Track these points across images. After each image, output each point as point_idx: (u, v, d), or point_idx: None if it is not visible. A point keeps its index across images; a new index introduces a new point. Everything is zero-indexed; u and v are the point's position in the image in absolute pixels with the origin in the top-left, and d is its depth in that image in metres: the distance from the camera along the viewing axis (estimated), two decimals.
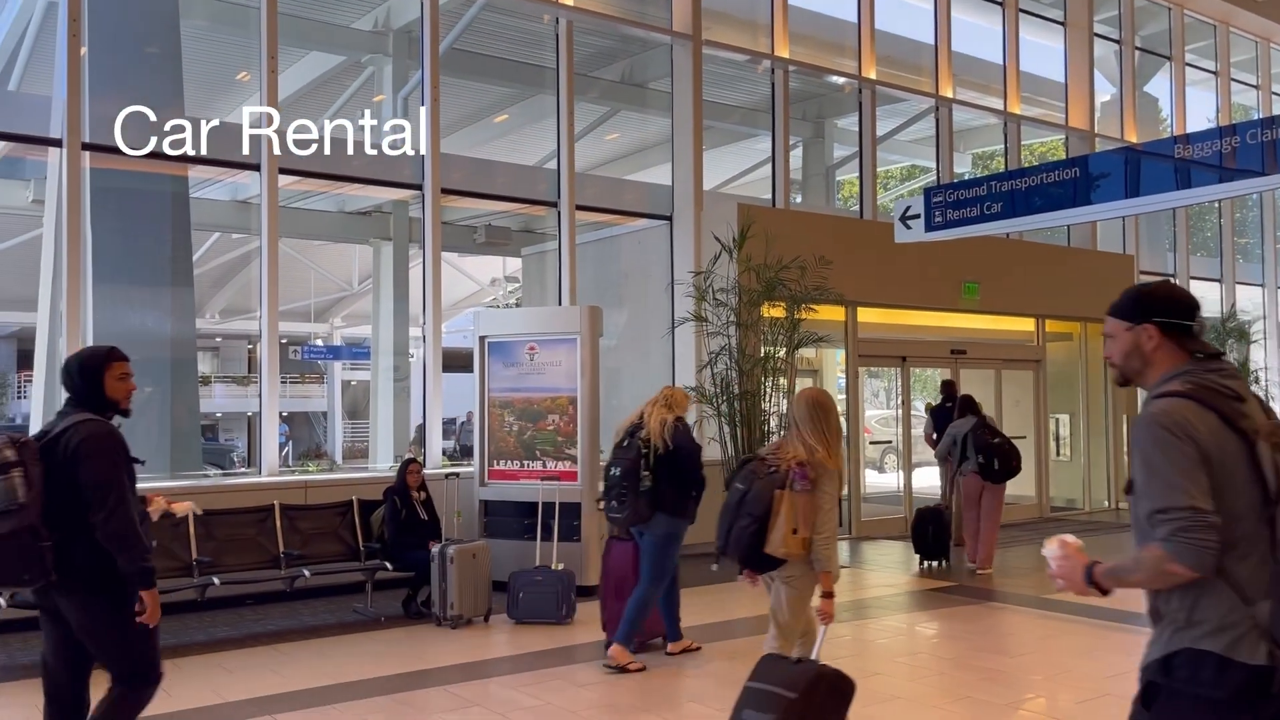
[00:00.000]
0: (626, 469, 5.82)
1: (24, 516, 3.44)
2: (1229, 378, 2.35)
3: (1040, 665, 6.06)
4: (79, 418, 3.64)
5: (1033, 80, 15.82)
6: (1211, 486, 2.19)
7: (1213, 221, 18.58)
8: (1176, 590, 2.26)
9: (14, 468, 3.47)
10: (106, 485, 3.52)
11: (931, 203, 8.24)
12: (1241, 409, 2.30)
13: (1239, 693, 2.16)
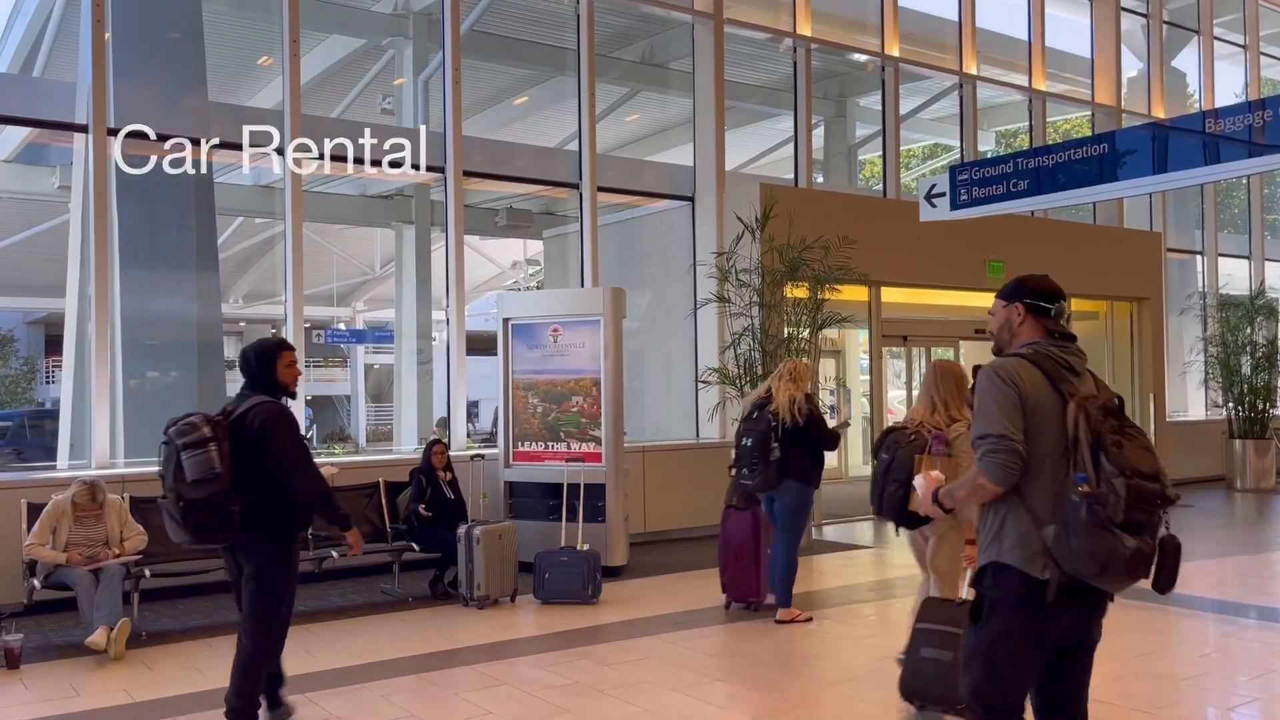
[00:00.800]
0: (758, 439, 6.31)
1: (219, 484, 4.08)
2: (1069, 354, 2.98)
3: None
4: (258, 400, 4.27)
5: (1058, 56, 15.63)
6: (1026, 426, 2.82)
7: (1241, 198, 18.32)
8: (990, 513, 2.88)
9: (210, 443, 4.09)
10: (295, 455, 4.24)
11: (957, 180, 8.17)
12: (1068, 376, 2.92)
13: (1023, 601, 2.80)
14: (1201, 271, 16.89)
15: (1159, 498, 2.75)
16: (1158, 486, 2.74)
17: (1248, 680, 5.28)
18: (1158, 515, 2.77)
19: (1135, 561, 2.71)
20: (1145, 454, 2.77)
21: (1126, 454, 2.74)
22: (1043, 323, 3.03)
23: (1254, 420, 14.58)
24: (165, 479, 4.17)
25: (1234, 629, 6.39)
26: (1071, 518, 2.72)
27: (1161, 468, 2.77)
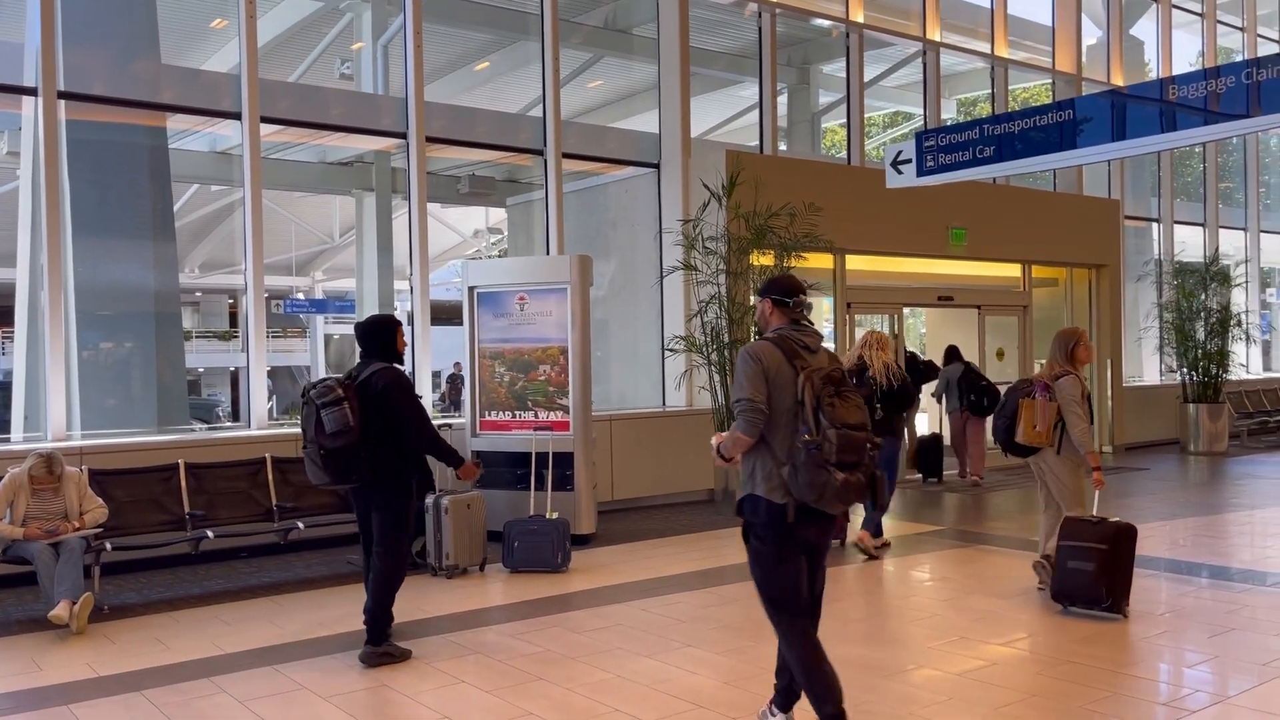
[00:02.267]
0: (871, 400, 7.38)
1: (351, 435, 4.93)
2: (806, 336, 3.80)
3: (1030, 605, 6.14)
4: (379, 366, 5.16)
5: (1020, 23, 15.68)
6: (769, 392, 3.65)
7: (1196, 166, 18.58)
8: (746, 458, 3.73)
9: (344, 401, 4.94)
10: (416, 413, 5.14)
11: (923, 147, 8.17)
12: (803, 353, 3.71)
13: (771, 521, 3.66)
14: (1158, 239, 17.14)
15: (865, 444, 3.61)
16: (863, 435, 3.61)
17: (1207, 638, 5.40)
18: (866, 456, 3.61)
19: (845, 490, 3.56)
20: (855, 410, 3.63)
21: (838, 412, 3.57)
22: (786, 313, 3.84)
23: (1207, 385, 14.87)
24: (307, 433, 5.01)
25: (1189, 589, 6.53)
26: (798, 459, 3.56)
27: (867, 421, 3.66)
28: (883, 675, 4.82)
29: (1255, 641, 5.24)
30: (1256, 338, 17.89)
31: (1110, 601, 5.62)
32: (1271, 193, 19.97)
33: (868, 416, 3.69)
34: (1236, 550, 7.64)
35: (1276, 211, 19.91)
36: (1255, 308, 18.41)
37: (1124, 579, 5.70)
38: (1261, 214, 19.24)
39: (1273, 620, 5.64)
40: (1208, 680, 4.79)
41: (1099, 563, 5.59)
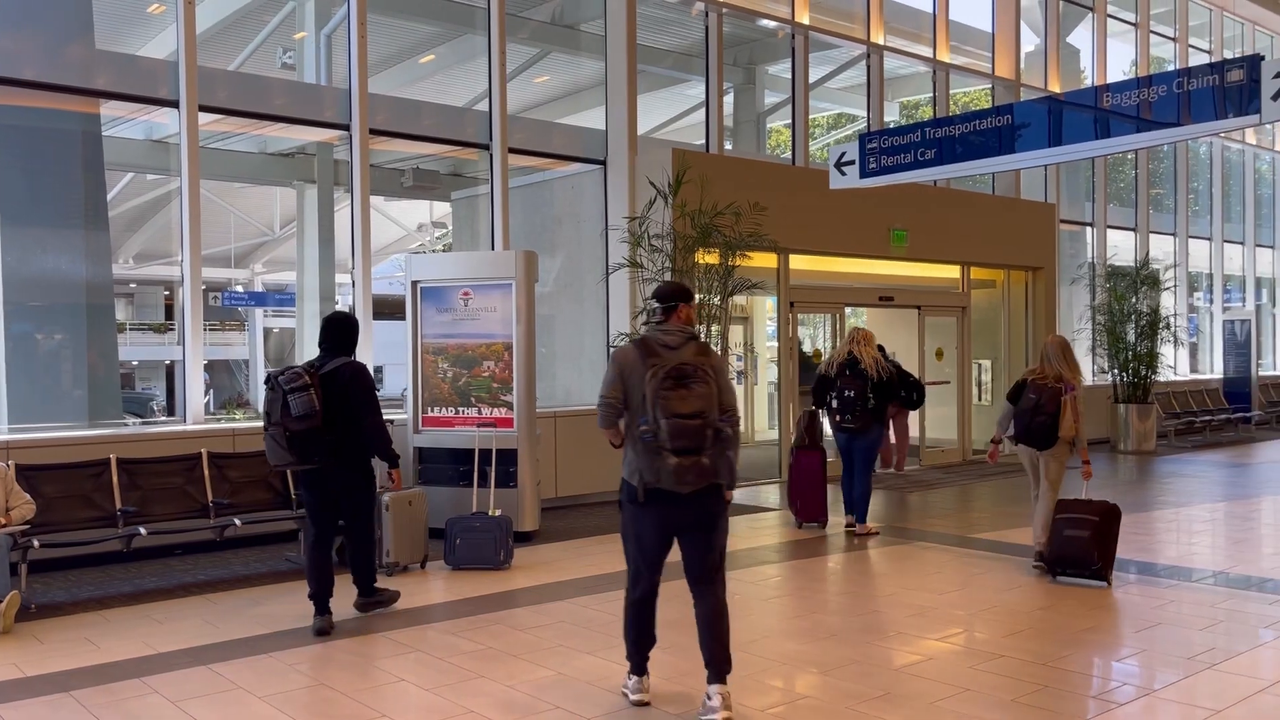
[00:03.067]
0: (859, 392, 8.21)
1: (315, 419, 5.43)
2: (669, 334, 4.26)
3: (965, 601, 6.26)
4: (345, 359, 5.73)
5: (961, 29, 15.94)
6: (626, 389, 4.21)
7: (1128, 172, 19.06)
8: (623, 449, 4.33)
9: (311, 388, 5.44)
10: (373, 404, 5.70)
11: (866, 149, 8.29)
12: (661, 351, 4.18)
13: (628, 498, 4.29)
14: (1091, 243, 17.56)
15: (701, 430, 4.02)
16: (697, 423, 4.02)
17: (1134, 632, 5.56)
18: (705, 441, 4.04)
19: (680, 472, 4.03)
20: (686, 402, 4.02)
21: (671, 403, 4.02)
22: (664, 314, 4.33)
23: (1137, 386, 15.29)
24: (271, 416, 5.46)
25: (1118, 585, 6.71)
26: (640, 446, 4.10)
27: (701, 409, 4.02)
28: (821, 671, 4.89)
29: (1180, 636, 5.40)
30: (1184, 340, 18.42)
31: (1100, 566, 6.50)
32: (1199, 199, 20.58)
33: (709, 405, 4.05)
34: (1163, 547, 7.87)
35: (1204, 218, 20.51)
36: (1183, 311, 18.96)
37: (1111, 550, 6.56)
38: (1190, 220, 19.82)
39: (1198, 615, 5.82)
40: (1135, 674, 4.93)
41: (1092, 532, 6.50)
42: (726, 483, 4.20)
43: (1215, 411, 17.69)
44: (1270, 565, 7.18)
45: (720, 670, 4.25)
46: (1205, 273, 20.71)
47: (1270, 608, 5.98)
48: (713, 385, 4.11)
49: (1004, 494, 10.87)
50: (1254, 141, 21.63)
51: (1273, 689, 4.55)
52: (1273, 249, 22.34)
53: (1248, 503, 10.20)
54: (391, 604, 5.95)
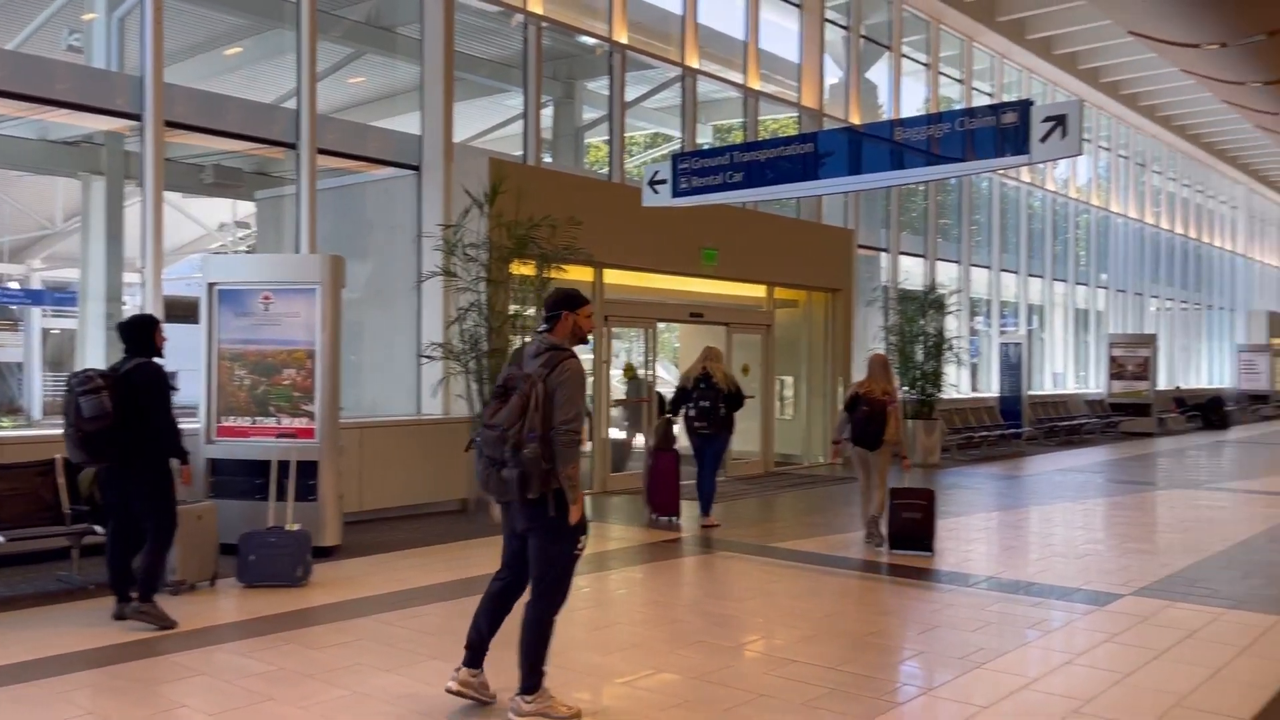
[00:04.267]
0: (713, 402, 9.50)
1: (107, 420, 5.61)
2: (534, 344, 4.35)
3: (763, 609, 6.50)
4: (140, 360, 5.86)
5: (771, 58, 16.63)
6: None
7: (919, 203, 20.37)
8: None
9: (103, 390, 5.62)
10: (158, 400, 5.80)
11: (679, 169, 8.50)
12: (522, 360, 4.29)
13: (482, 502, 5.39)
14: (885, 267, 18.65)
15: (499, 441, 4.12)
16: (495, 434, 4.14)
17: (915, 635, 5.92)
18: (506, 452, 4.10)
19: (484, 480, 4.22)
20: (498, 414, 4.16)
21: (487, 414, 4.24)
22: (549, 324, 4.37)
23: (924, 403, 16.32)
24: (68, 417, 5.63)
25: (908, 589, 7.13)
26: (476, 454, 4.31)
27: (498, 422, 4.14)
28: (620, 681, 4.95)
29: (956, 638, 5.80)
30: (965, 361, 19.82)
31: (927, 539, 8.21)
32: (981, 231, 22.22)
33: (515, 418, 4.10)
34: (944, 554, 8.41)
35: (984, 248, 22.17)
36: (965, 333, 20.41)
37: (933, 526, 8.28)
38: (972, 249, 21.38)
39: (972, 618, 6.26)
40: (915, 674, 5.25)
41: (923, 513, 8.23)
42: (535, 495, 4.12)
43: (992, 427, 19.11)
44: (1036, 570, 7.81)
45: (521, 681, 4.27)
46: (985, 298, 22.37)
47: (1035, 610, 6.50)
48: (533, 399, 4.08)
49: (803, 504, 11.36)
50: (1028, 179, 23.56)
51: (1035, 685, 4.95)
52: (1042, 278, 24.37)
53: (1018, 512, 11.07)
54: (163, 628, 5.69)
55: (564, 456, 4.12)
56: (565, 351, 4.25)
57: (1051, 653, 5.55)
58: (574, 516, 4.19)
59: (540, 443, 4.08)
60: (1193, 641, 5.70)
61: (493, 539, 8.71)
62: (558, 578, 4.30)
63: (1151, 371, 23.95)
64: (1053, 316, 25.06)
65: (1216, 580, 7.36)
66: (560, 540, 4.25)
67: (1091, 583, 7.25)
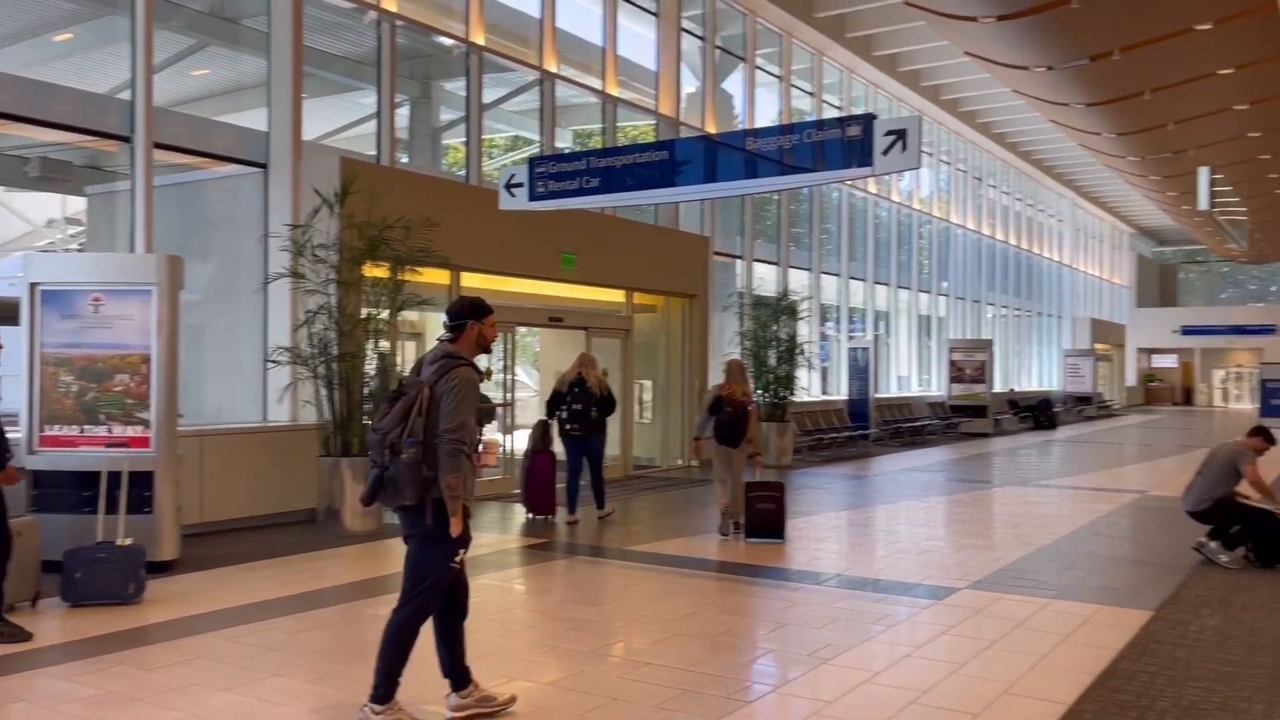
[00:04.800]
0: (586, 406, 10.02)
1: None
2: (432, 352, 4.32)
3: (621, 612, 6.53)
4: None
5: (629, 65, 16.77)
6: None
7: (773, 211, 20.92)
8: None
9: None
10: None
11: (535, 173, 8.47)
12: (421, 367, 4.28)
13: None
14: (741, 274, 19.07)
15: (379, 445, 4.09)
16: (375, 438, 4.12)
17: (767, 633, 6.06)
18: (383, 456, 4.08)
19: (373, 487, 4.14)
20: (384, 418, 4.12)
21: (376, 419, 4.19)
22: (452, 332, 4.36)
23: (777, 405, 16.75)
24: None
25: (754, 589, 7.30)
26: None
27: (380, 426, 4.10)
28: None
29: (804, 635, 5.96)
30: (816, 365, 20.46)
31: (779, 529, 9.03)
32: (831, 239, 23.00)
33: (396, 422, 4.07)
34: (795, 553, 8.66)
35: (834, 256, 22.94)
36: (816, 338, 21.08)
37: (784, 516, 9.13)
38: (823, 257, 22.10)
39: (821, 615, 6.45)
40: (765, 673, 5.37)
41: (776, 504, 9.05)
42: (411, 501, 4.08)
43: (841, 429, 19.79)
44: (881, 567, 8.11)
45: (374, 689, 4.22)
46: (835, 305, 23.15)
47: (879, 605, 6.75)
48: (417, 404, 4.08)
49: (662, 507, 11.49)
50: (875, 191, 24.53)
51: (878, 679, 5.14)
52: (888, 286, 25.41)
53: (865, 511, 11.49)
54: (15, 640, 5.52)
55: (446, 465, 4.04)
56: (459, 360, 4.22)
57: (893, 646, 5.78)
58: (454, 529, 4.11)
59: (422, 449, 4.03)
60: (1021, 631, 6.04)
61: (344, 549, 8.48)
62: (429, 588, 4.23)
63: (988, 375, 25.29)
64: (898, 322, 26.14)
65: (1043, 572, 7.82)
66: (436, 550, 4.18)
67: (931, 578, 7.59)
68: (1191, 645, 5.71)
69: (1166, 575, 7.68)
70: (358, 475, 9.25)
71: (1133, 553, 8.80)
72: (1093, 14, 14.51)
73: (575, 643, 5.75)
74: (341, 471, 9.29)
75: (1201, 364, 46.39)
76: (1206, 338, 45.17)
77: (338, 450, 9.40)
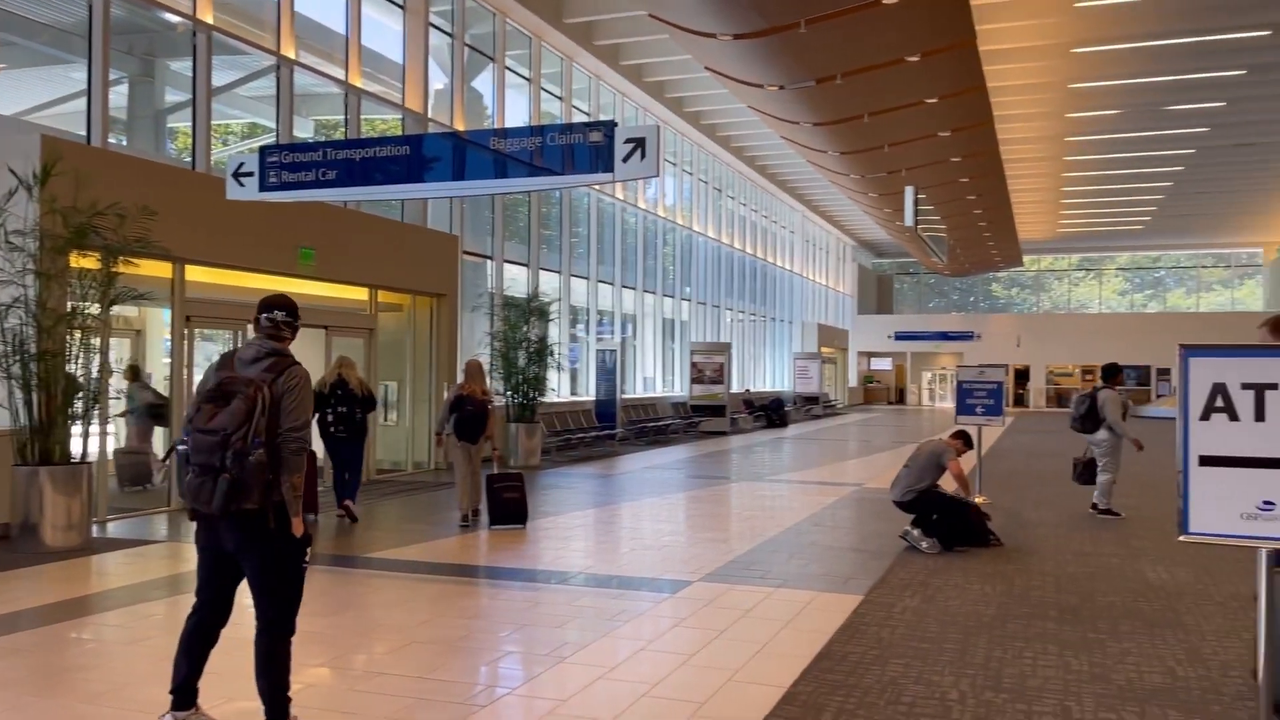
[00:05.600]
0: (351, 408, 10.29)
1: None
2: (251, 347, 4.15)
3: (355, 622, 6.32)
4: None
5: (375, 57, 16.27)
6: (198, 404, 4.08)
7: (524, 212, 20.97)
8: None
9: None
10: None
11: (267, 162, 8.03)
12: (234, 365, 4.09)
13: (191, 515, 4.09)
14: (491, 274, 18.98)
15: (215, 447, 3.86)
16: (213, 438, 3.87)
17: (507, 635, 6.06)
18: (214, 458, 3.86)
19: (195, 490, 3.89)
20: (212, 419, 3.90)
21: (197, 417, 3.96)
22: (259, 327, 4.22)
23: (526, 406, 16.81)
24: None
25: (503, 590, 7.28)
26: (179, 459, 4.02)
27: (225, 425, 3.86)
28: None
29: (544, 635, 6.01)
30: (565, 366, 20.71)
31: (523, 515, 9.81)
32: (581, 243, 23.35)
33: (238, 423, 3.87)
34: (541, 553, 8.71)
35: (584, 259, 23.31)
36: (565, 340, 21.33)
37: (526, 504, 9.91)
38: (573, 260, 22.39)
39: (562, 613, 6.52)
40: (501, 675, 5.36)
41: (519, 493, 9.77)
42: (256, 505, 3.90)
43: (589, 429, 20.13)
44: (622, 563, 8.32)
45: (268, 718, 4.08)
46: (584, 307, 23.52)
47: (618, 601, 6.92)
48: (259, 404, 3.93)
49: (405, 512, 11.22)
50: (623, 197, 25.14)
51: (613, 674, 5.25)
52: (635, 290, 26.12)
53: (610, 509, 11.74)
54: None
55: (290, 465, 3.99)
56: (290, 358, 4.18)
57: (630, 641, 5.93)
58: (298, 529, 4.03)
59: (265, 450, 3.91)
60: (747, 620, 6.38)
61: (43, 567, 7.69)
62: (288, 596, 4.07)
63: (726, 376, 26.55)
64: (644, 325, 26.93)
65: (769, 563, 8.30)
66: (286, 555, 4.04)
67: (667, 572, 7.86)
68: (895, 625, 6.24)
69: (876, 561, 8.36)
70: (60, 485, 8.43)
71: (849, 541, 9.52)
72: (819, 39, 15.58)
73: (305, 657, 5.48)
74: (40, 482, 8.42)
75: (912, 367, 50.91)
76: (916, 343, 49.64)
77: (36, 459, 8.52)
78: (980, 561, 8.40)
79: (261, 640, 4.09)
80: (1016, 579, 7.67)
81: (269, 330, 4.21)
